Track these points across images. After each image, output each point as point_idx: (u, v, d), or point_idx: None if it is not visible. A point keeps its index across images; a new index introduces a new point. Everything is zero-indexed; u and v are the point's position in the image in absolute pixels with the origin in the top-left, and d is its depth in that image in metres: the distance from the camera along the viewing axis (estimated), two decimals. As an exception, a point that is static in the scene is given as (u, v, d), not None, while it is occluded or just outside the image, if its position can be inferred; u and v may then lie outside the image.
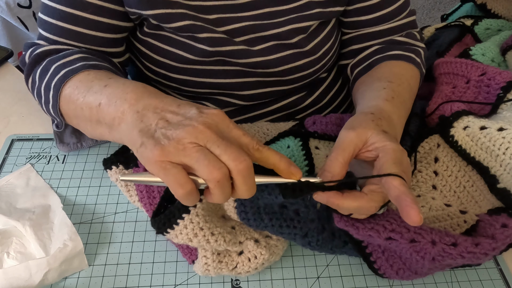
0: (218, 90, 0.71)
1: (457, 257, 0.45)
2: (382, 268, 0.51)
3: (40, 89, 0.58)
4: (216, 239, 0.48)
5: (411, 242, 0.46)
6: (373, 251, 0.51)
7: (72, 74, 0.53)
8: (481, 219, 0.51)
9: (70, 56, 0.57)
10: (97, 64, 0.56)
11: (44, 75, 0.57)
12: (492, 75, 0.64)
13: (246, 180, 0.40)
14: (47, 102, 0.57)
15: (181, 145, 0.39)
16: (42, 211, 0.57)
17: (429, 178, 0.57)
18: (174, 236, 0.49)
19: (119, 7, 0.62)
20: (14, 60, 1.90)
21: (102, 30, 0.62)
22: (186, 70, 0.67)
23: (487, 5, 1.01)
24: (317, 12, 0.67)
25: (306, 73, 0.71)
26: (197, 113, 0.41)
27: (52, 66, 0.56)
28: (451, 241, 0.46)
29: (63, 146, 0.65)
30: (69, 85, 0.53)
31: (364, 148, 0.47)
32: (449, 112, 0.60)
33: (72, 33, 0.61)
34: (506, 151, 0.54)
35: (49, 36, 0.62)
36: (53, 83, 0.55)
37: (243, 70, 0.68)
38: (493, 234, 0.47)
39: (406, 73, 0.66)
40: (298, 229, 0.49)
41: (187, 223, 0.48)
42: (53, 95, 0.55)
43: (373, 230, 0.46)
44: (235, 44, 0.65)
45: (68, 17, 0.60)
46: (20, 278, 0.49)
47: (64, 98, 0.54)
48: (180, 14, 0.61)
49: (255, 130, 0.67)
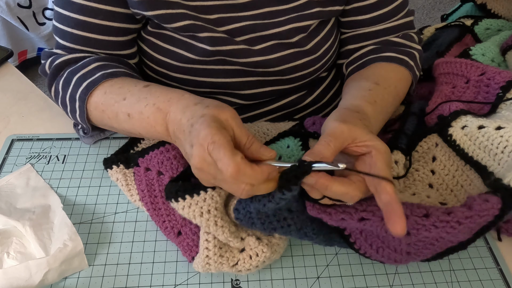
0: (218, 90, 0.71)
1: (430, 228, 0.44)
2: (362, 248, 0.51)
3: (65, 99, 0.61)
4: (223, 224, 0.49)
5: (383, 219, 0.45)
6: (351, 232, 0.51)
7: (93, 86, 0.57)
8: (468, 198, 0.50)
9: (89, 66, 0.60)
10: (115, 71, 0.59)
11: (67, 86, 0.61)
12: (492, 74, 0.64)
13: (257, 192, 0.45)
14: (73, 111, 0.61)
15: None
16: (42, 211, 0.57)
17: (426, 176, 0.57)
18: (182, 206, 0.49)
19: (127, 10, 0.63)
20: (14, 60, 1.91)
21: (114, 34, 0.64)
22: (186, 69, 0.67)
23: (487, 5, 1.01)
24: (317, 11, 0.67)
25: (306, 72, 0.71)
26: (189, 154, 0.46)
27: (74, 78, 0.60)
28: (423, 212, 0.46)
29: (87, 139, 0.67)
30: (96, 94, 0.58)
31: (352, 144, 0.47)
32: (448, 112, 0.60)
33: (86, 40, 0.63)
34: (505, 150, 0.54)
35: (66, 44, 0.64)
36: (78, 95, 0.59)
37: (244, 70, 0.68)
38: (470, 205, 0.47)
39: (394, 76, 0.66)
40: (292, 225, 0.49)
41: (208, 197, 0.49)
42: (80, 106, 0.59)
43: (345, 213, 0.47)
44: (236, 44, 0.65)
45: (81, 24, 0.62)
46: (20, 278, 0.49)
47: (91, 108, 0.59)
48: (181, 14, 0.62)
49: (255, 130, 0.67)
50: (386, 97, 0.62)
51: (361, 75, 0.68)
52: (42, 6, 1.87)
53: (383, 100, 0.60)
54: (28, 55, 1.99)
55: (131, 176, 0.60)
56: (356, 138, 0.47)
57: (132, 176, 0.59)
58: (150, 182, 0.57)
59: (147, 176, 0.57)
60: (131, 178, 0.59)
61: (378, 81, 0.63)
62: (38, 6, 1.86)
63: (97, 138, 0.68)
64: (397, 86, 0.65)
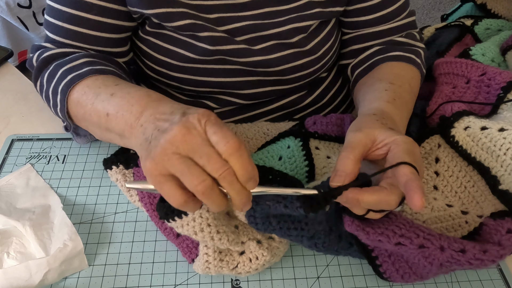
0: (218, 89, 0.71)
1: (465, 264, 0.45)
2: (387, 272, 0.51)
3: (48, 92, 0.59)
4: (220, 237, 0.48)
5: (420, 247, 0.45)
6: (379, 254, 0.51)
7: (78, 79, 0.54)
8: (485, 223, 0.51)
9: (77, 61, 0.58)
10: (103, 68, 0.57)
11: (51, 79, 0.58)
12: (492, 75, 0.64)
13: (232, 186, 0.40)
14: (55, 106, 0.58)
15: (166, 156, 0.39)
16: (42, 211, 0.57)
17: (430, 178, 0.57)
18: (179, 225, 0.49)
19: (122, 7, 0.62)
20: (14, 60, 1.91)
21: (107, 30, 0.63)
22: (187, 69, 0.67)
23: (487, 5, 1.01)
24: (317, 11, 0.67)
25: (306, 73, 0.71)
26: (179, 117, 0.41)
27: (59, 71, 0.57)
28: (460, 247, 0.45)
29: (80, 138, 0.66)
30: (77, 90, 0.54)
31: (374, 147, 0.47)
32: (450, 113, 0.60)
33: (77, 35, 0.62)
34: (507, 152, 0.54)
35: (56, 38, 0.63)
36: (60, 88, 0.56)
37: (244, 69, 0.68)
38: (500, 241, 0.47)
39: (406, 74, 0.66)
40: (305, 231, 0.49)
41: (196, 216, 0.48)
42: (61, 100, 0.56)
43: (383, 235, 0.46)
44: (236, 43, 0.65)
45: (73, 19, 0.61)
46: (20, 278, 0.49)
47: (72, 103, 0.55)
48: (181, 13, 0.61)
49: (255, 130, 0.67)
50: (404, 94, 0.61)
51: (372, 78, 0.67)
52: (42, 6, 1.87)
53: (401, 98, 0.59)
54: (28, 55, 1.99)
55: (130, 176, 0.60)
56: (375, 140, 0.47)
57: (132, 177, 0.59)
58: None
59: None
60: (131, 179, 0.59)
61: (392, 81, 0.62)
62: (38, 6, 1.86)
63: (91, 139, 0.67)
64: (411, 84, 0.65)
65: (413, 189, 0.41)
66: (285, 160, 0.58)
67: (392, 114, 0.54)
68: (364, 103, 0.60)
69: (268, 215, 0.49)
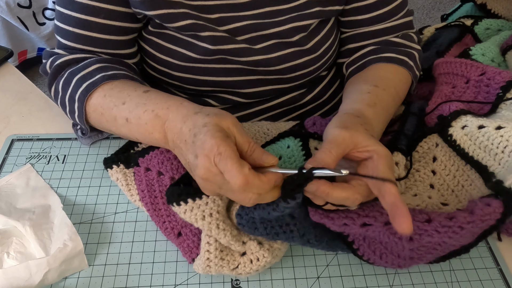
0: (220, 88, 0.71)
1: (433, 233, 0.45)
2: (366, 255, 0.51)
3: (64, 100, 0.61)
4: (224, 227, 0.49)
5: (386, 224, 0.46)
6: (354, 238, 0.51)
7: (93, 87, 0.58)
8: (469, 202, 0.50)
9: (89, 68, 0.60)
10: (115, 73, 0.59)
11: (67, 87, 0.61)
12: (492, 74, 0.64)
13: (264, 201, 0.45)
14: (72, 112, 0.61)
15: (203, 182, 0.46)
16: (42, 211, 0.57)
17: (427, 177, 0.57)
18: (187, 209, 0.49)
19: (128, 9, 0.63)
20: (14, 60, 1.91)
21: (115, 33, 0.64)
22: (188, 68, 0.67)
23: (487, 5, 1.00)
24: (317, 10, 0.67)
25: (307, 71, 0.72)
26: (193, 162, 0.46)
27: (74, 79, 0.60)
28: (425, 217, 0.46)
29: (85, 139, 0.67)
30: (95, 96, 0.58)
31: (354, 149, 0.48)
32: (448, 112, 0.60)
33: (87, 39, 0.63)
34: (505, 149, 0.54)
35: (67, 43, 0.64)
36: (77, 96, 0.59)
37: (245, 68, 0.68)
38: (472, 210, 0.47)
39: (394, 78, 0.67)
40: (295, 231, 0.49)
41: (210, 201, 0.49)
42: (79, 107, 0.59)
43: (347, 218, 0.47)
44: (237, 43, 0.65)
45: (82, 24, 0.62)
46: (20, 278, 0.49)
47: (90, 110, 0.59)
48: (182, 14, 0.62)
49: (255, 130, 0.67)
50: (386, 98, 0.62)
51: (360, 78, 0.68)
52: (42, 6, 1.87)
53: (383, 102, 0.60)
54: (28, 55, 1.99)
55: (131, 176, 0.60)
56: (357, 144, 0.47)
57: (132, 176, 0.59)
58: (150, 182, 0.57)
59: (147, 176, 0.57)
60: (131, 178, 0.59)
61: (377, 83, 0.63)
62: (38, 6, 1.86)
63: (95, 139, 0.68)
64: (396, 87, 0.65)
65: (402, 213, 0.42)
66: (285, 160, 0.58)
67: (371, 119, 0.55)
68: (346, 101, 0.62)
69: (254, 220, 0.49)
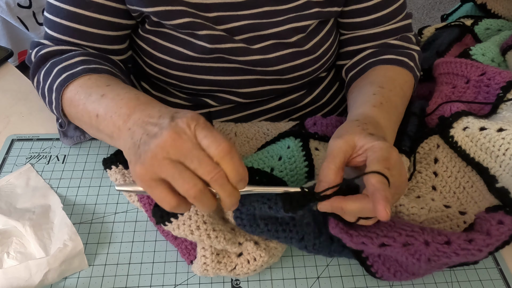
0: (217, 87, 0.71)
1: (451, 255, 0.45)
2: (379, 272, 0.51)
3: (44, 90, 0.60)
4: (216, 235, 0.48)
5: (405, 245, 0.46)
6: (369, 255, 0.51)
7: (72, 78, 0.55)
8: (478, 216, 0.51)
9: (72, 59, 0.58)
10: (97, 67, 0.57)
11: (47, 77, 0.59)
12: (492, 75, 0.64)
13: (223, 188, 0.41)
14: (50, 103, 0.59)
15: (156, 161, 0.40)
16: (42, 211, 0.57)
17: (429, 179, 0.57)
18: (175, 227, 0.49)
19: (121, 5, 0.63)
20: (14, 60, 1.91)
21: (104, 27, 0.63)
22: (185, 67, 0.67)
23: (487, 5, 1.00)
24: (315, 11, 0.67)
25: (305, 72, 0.71)
26: (168, 122, 0.42)
27: (55, 69, 0.58)
28: (444, 239, 0.46)
29: (67, 139, 0.66)
30: (70, 89, 0.55)
31: (354, 153, 0.47)
32: (449, 113, 0.60)
33: (75, 31, 0.63)
34: (506, 152, 0.54)
35: (54, 35, 0.64)
36: (55, 86, 0.57)
37: (242, 68, 0.68)
38: (488, 230, 0.47)
39: (399, 78, 0.66)
40: (294, 232, 0.49)
41: (192, 214, 0.49)
42: (56, 98, 0.57)
43: (366, 237, 0.46)
44: (235, 42, 0.65)
45: (71, 16, 0.62)
46: (20, 278, 0.49)
47: (66, 101, 0.56)
48: (180, 11, 0.62)
49: (255, 130, 0.67)
50: (393, 98, 0.61)
51: (364, 81, 0.67)
52: (42, 6, 1.87)
53: (390, 101, 0.59)
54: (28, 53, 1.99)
55: (129, 176, 0.60)
56: (355, 146, 0.47)
57: (131, 177, 0.59)
58: None
59: None
60: (130, 179, 0.59)
61: (382, 84, 0.62)
62: (38, 6, 1.86)
63: (77, 141, 0.67)
64: (403, 87, 0.65)
65: (378, 200, 0.41)
66: (285, 160, 0.58)
67: (376, 118, 0.54)
68: (352, 108, 0.61)
69: (255, 217, 0.49)
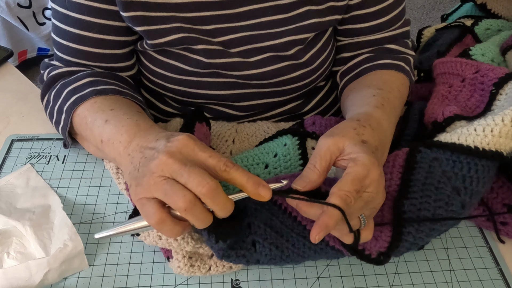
0: (214, 101, 0.71)
1: None
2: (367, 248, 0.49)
3: (53, 110, 0.61)
4: (183, 236, 0.48)
5: None
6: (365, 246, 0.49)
7: (81, 101, 0.57)
8: None
9: (80, 81, 0.60)
10: (105, 88, 0.58)
11: (57, 98, 0.61)
12: (485, 72, 0.63)
13: (215, 201, 0.41)
14: (57, 123, 0.61)
15: (152, 179, 0.42)
16: (42, 211, 0.57)
17: None
18: (146, 236, 0.50)
19: (122, 23, 0.62)
20: (14, 60, 1.91)
21: (109, 47, 0.64)
22: (182, 81, 0.67)
23: (487, 5, 1.01)
24: (314, 22, 0.65)
25: (302, 84, 0.71)
26: (164, 144, 0.44)
27: (64, 91, 0.60)
28: None
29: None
30: (78, 113, 0.57)
31: (340, 156, 0.46)
32: (442, 118, 0.59)
33: (81, 53, 0.63)
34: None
35: (63, 57, 0.65)
36: (65, 108, 0.59)
37: (238, 82, 0.68)
38: None
39: (396, 81, 0.66)
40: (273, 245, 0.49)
41: None
42: (65, 119, 0.59)
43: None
44: (230, 56, 0.65)
45: (76, 38, 0.62)
46: (20, 278, 0.49)
47: (75, 123, 0.59)
48: (175, 28, 0.61)
49: (255, 128, 0.67)
50: (393, 100, 0.60)
51: (361, 84, 0.66)
52: (42, 6, 1.87)
53: (390, 103, 0.59)
54: (28, 55, 1.99)
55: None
56: (343, 149, 0.46)
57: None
58: None
59: None
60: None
61: (381, 86, 0.62)
62: (38, 6, 1.86)
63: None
64: (400, 90, 0.64)
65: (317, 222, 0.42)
66: (280, 158, 0.58)
67: (379, 119, 0.53)
68: (352, 108, 0.60)
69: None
